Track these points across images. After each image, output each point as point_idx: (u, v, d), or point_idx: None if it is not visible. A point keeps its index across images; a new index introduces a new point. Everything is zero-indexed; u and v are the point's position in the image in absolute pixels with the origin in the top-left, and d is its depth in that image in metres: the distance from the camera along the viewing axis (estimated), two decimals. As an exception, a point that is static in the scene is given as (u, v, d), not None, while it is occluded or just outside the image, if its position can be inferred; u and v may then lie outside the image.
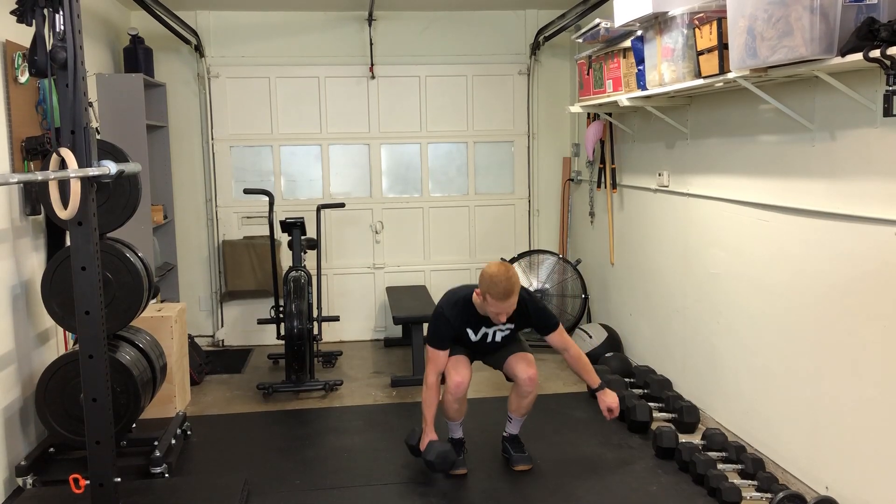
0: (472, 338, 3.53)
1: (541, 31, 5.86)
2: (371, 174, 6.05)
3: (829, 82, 2.75)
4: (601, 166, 5.35)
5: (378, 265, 6.11)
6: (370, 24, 5.82)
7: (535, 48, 5.99)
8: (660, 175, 4.44)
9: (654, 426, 3.89)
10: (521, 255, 5.83)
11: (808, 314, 3.11)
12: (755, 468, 3.31)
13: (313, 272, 5.25)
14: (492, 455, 3.73)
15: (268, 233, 5.32)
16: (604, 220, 5.39)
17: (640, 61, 3.86)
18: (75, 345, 3.48)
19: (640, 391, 4.34)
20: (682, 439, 3.67)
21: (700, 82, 3.29)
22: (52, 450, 3.54)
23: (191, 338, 5.00)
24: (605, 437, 3.94)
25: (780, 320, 3.30)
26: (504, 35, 6.04)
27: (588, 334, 5.05)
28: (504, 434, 3.71)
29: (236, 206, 5.92)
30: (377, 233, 6.09)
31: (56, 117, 2.87)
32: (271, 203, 5.21)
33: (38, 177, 2.30)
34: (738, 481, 3.23)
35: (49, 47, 2.58)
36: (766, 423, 3.46)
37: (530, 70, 6.08)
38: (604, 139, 5.26)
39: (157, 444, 3.56)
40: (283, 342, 4.82)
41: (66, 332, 3.88)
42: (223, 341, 6.00)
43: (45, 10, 2.58)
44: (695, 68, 3.31)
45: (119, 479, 2.89)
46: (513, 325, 3.56)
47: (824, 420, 3.04)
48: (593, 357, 4.85)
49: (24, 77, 3.58)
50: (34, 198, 3.63)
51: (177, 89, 5.74)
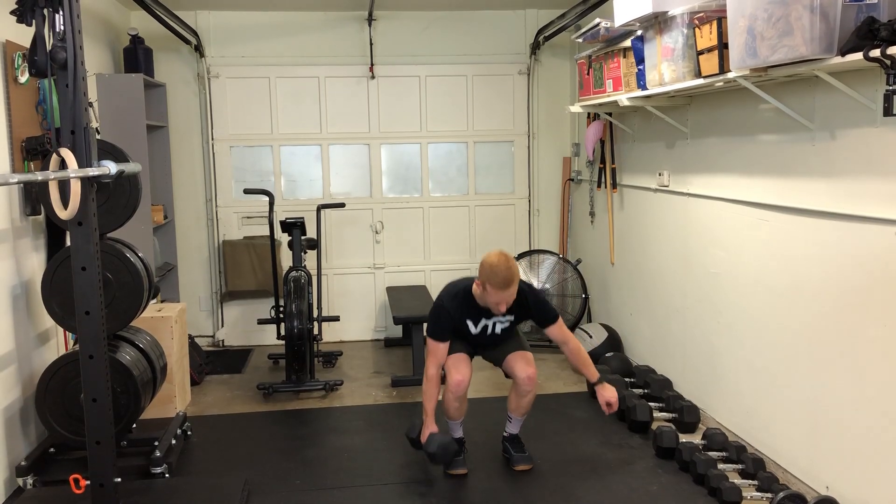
0: (473, 330, 3.53)
1: (541, 31, 5.86)
2: (371, 174, 6.05)
3: (830, 82, 2.75)
4: (601, 166, 5.34)
5: (378, 265, 6.11)
6: (370, 24, 5.82)
7: (536, 48, 5.99)
8: (660, 175, 4.44)
9: (654, 426, 3.89)
10: (521, 255, 5.83)
11: (808, 313, 3.11)
12: (755, 468, 3.31)
13: (313, 272, 5.25)
14: (492, 455, 3.73)
15: (268, 233, 5.32)
16: (604, 219, 5.39)
17: (640, 61, 3.86)
18: (75, 345, 3.48)
19: (641, 391, 4.34)
20: (683, 439, 3.67)
21: (700, 82, 3.29)
22: (52, 450, 3.54)
23: (191, 338, 5.00)
24: (606, 437, 3.94)
25: (780, 320, 3.30)
26: (504, 35, 6.04)
27: (588, 334, 5.05)
28: (504, 434, 3.71)
29: (236, 206, 5.92)
30: (377, 233, 6.09)
31: (56, 117, 2.87)
32: (271, 203, 5.21)
33: (38, 177, 2.30)
34: (738, 481, 3.23)
35: (49, 47, 2.58)
36: (766, 423, 3.46)
37: (530, 70, 6.08)
38: (604, 139, 5.26)
39: (157, 444, 3.56)
40: (283, 342, 4.82)
41: (67, 332, 3.89)
42: (223, 341, 6.00)
43: (45, 11, 2.58)
44: (695, 68, 3.31)
45: (119, 480, 2.89)
46: (513, 318, 3.55)
47: (825, 420, 3.04)
48: (594, 357, 4.81)
49: (24, 77, 3.59)
50: (34, 198, 3.63)
51: (177, 89, 5.74)
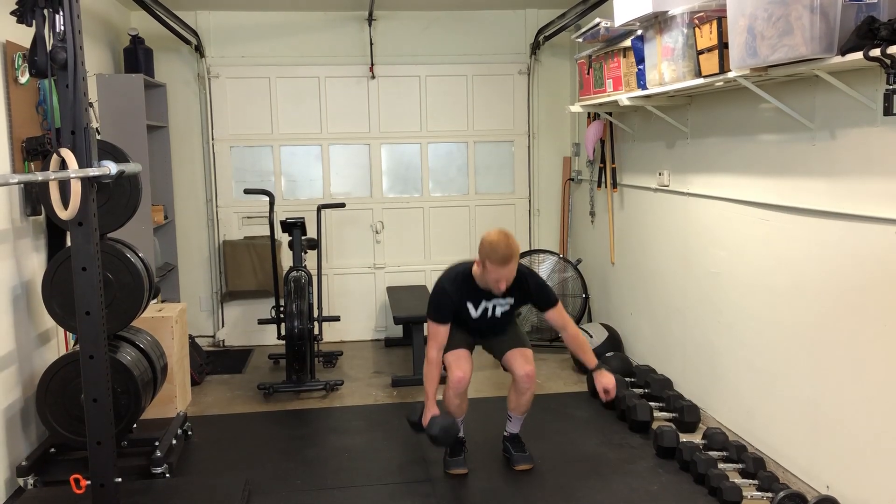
0: (473, 313, 3.51)
1: (541, 31, 5.86)
2: (371, 174, 6.05)
3: (830, 81, 2.75)
4: (601, 166, 5.34)
5: (378, 265, 6.11)
6: (370, 24, 5.82)
7: (536, 48, 5.99)
8: (660, 174, 4.44)
9: (654, 426, 3.89)
10: (521, 255, 5.81)
11: (808, 313, 3.11)
12: (756, 467, 3.31)
13: (314, 272, 5.25)
14: (492, 455, 3.73)
15: (268, 233, 5.32)
16: (604, 219, 5.39)
17: (641, 61, 3.86)
18: (76, 345, 3.48)
19: (641, 391, 4.34)
20: (683, 439, 3.67)
21: (700, 81, 3.29)
22: (52, 450, 3.54)
23: (191, 338, 5.00)
24: (606, 437, 3.94)
25: (780, 319, 3.30)
26: (504, 35, 6.04)
27: (588, 334, 5.05)
28: (505, 433, 3.71)
29: (237, 206, 5.92)
30: (377, 233, 6.09)
31: (56, 118, 2.87)
32: (272, 203, 5.21)
33: (39, 177, 2.30)
34: (738, 480, 3.23)
35: (49, 48, 2.58)
36: (766, 423, 3.46)
37: (530, 70, 6.08)
38: (604, 139, 5.26)
39: (157, 444, 3.57)
40: (283, 342, 4.82)
41: (67, 332, 3.89)
42: (224, 341, 6.00)
43: (45, 11, 2.58)
44: (695, 67, 3.31)
45: (120, 480, 2.89)
46: (513, 300, 3.54)
47: (825, 419, 3.04)
48: (596, 355, 4.84)
49: (24, 78, 3.59)
50: (35, 198, 3.63)
51: (177, 89, 5.74)
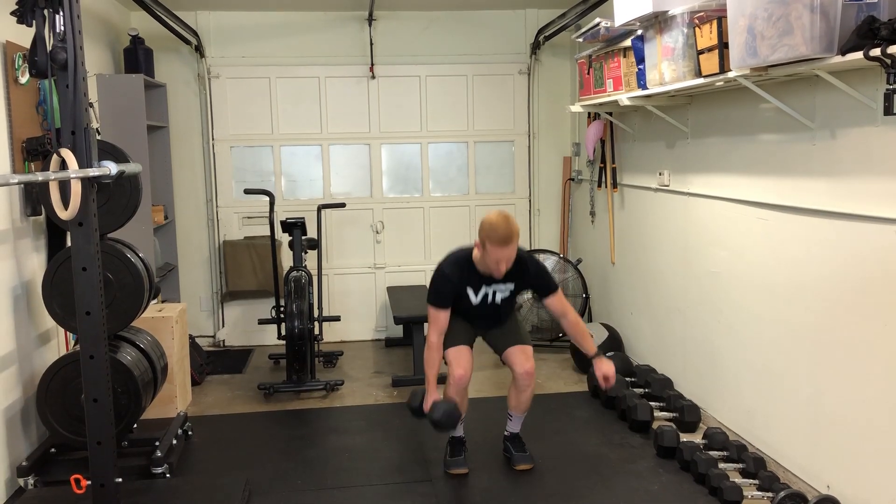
0: (473, 299, 3.50)
1: (541, 31, 5.86)
2: (371, 174, 6.05)
3: (830, 81, 2.75)
4: (602, 166, 5.34)
5: (379, 265, 6.11)
6: (370, 24, 5.82)
7: (536, 48, 5.99)
8: (660, 174, 4.44)
9: (655, 425, 3.89)
10: (521, 255, 5.82)
11: (808, 313, 3.11)
12: (756, 467, 3.31)
13: (314, 272, 5.25)
14: (493, 454, 3.73)
15: (268, 233, 5.31)
16: (604, 219, 5.38)
17: (641, 60, 3.85)
18: (76, 345, 3.48)
19: (641, 390, 4.34)
20: (684, 438, 3.67)
21: (700, 81, 3.29)
22: (53, 450, 3.54)
23: (192, 338, 5.00)
24: (607, 437, 3.94)
25: (780, 319, 3.30)
26: (504, 35, 6.04)
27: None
28: (505, 433, 3.71)
29: (237, 206, 5.92)
30: (378, 233, 6.09)
31: (56, 118, 2.87)
32: (272, 203, 5.21)
33: (39, 177, 2.30)
34: (739, 480, 3.23)
35: (49, 48, 2.59)
36: (767, 422, 3.46)
37: (531, 69, 6.08)
38: (604, 138, 5.25)
39: (158, 444, 3.57)
40: (283, 342, 4.82)
41: (67, 332, 3.89)
42: (224, 341, 6.00)
43: (46, 11, 2.58)
44: (695, 67, 3.31)
45: (120, 480, 2.89)
46: (513, 286, 3.53)
47: (825, 419, 3.04)
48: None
49: (24, 78, 3.59)
50: (35, 198, 3.63)
51: (177, 90, 5.74)
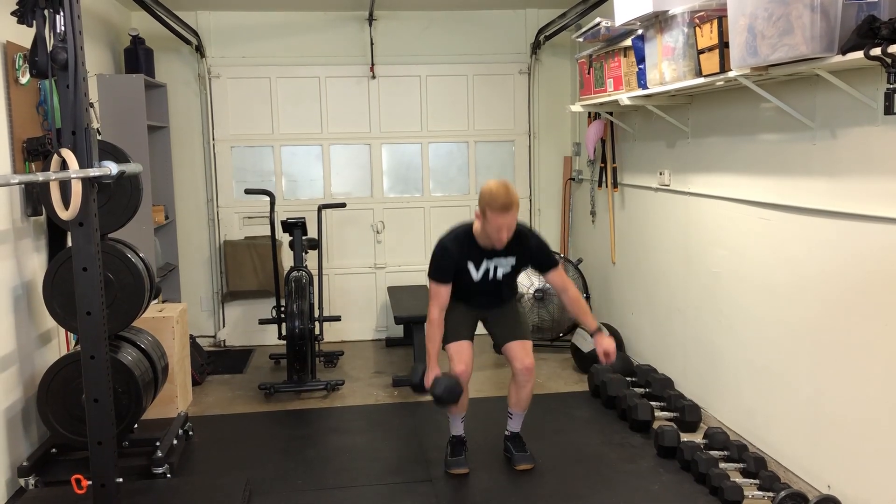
0: (474, 275, 3.48)
1: (541, 31, 5.86)
2: (372, 174, 6.05)
3: (830, 80, 2.75)
4: (602, 165, 5.34)
5: (379, 265, 6.11)
6: (370, 24, 5.82)
7: (536, 47, 5.99)
8: (661, 174, 4.44)
9: (655, 425, 3.89)
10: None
11: (809, 312, 3.11)
12: (757, 467, 3.31)
13: (314, 272, 5.25)
14: (493, 454, 3.73)
15: (269, 233, 5.32)
16: (605, 219, 5.38)
17: (641, 60, 3.85)
18: (77, 345, 3.48)
19: (642, 390, 4.34)
20: (684, 438, 3.67)
21: (701, 81, 3.29)
22: (54, 450, 3.54)
23: (192, 338, 5.00)
24: (607, 437, 3.94)
25: (781, 319, 3.30)
26: (504, 34, 6.04)
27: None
28: (506, 433, 3.71)
29: (237, 206, 5.93)
30: (378, 233, 6.09)
31: (57, 118, 2.88)
32: (272, 203, 5.22)
33: (40, 178, 2.30)
34: (739, 480, 3.23)
35: (50, 48, 2.59)
36: (767, 422, 3.46)
37: (531, 69, 6.08)
38: (605, 138, 5.25)
39: (158, 444, 3.57)
40: (284, 342, 4.82)
41: (68, 332, 3.89)
42: (225, 341, 6.00)
43: (46, 11, 2.58)
44: (695, 67, 3.31)
45: (121, 480, 2.89)
46: (514, 261, 3.50)
47: (826, 419, 3.04)
48: (595, 357, 4.83)
49: (25, 78, 3.59)
50: (35, 199, 3.63)
51: (177, 90, 5.74)
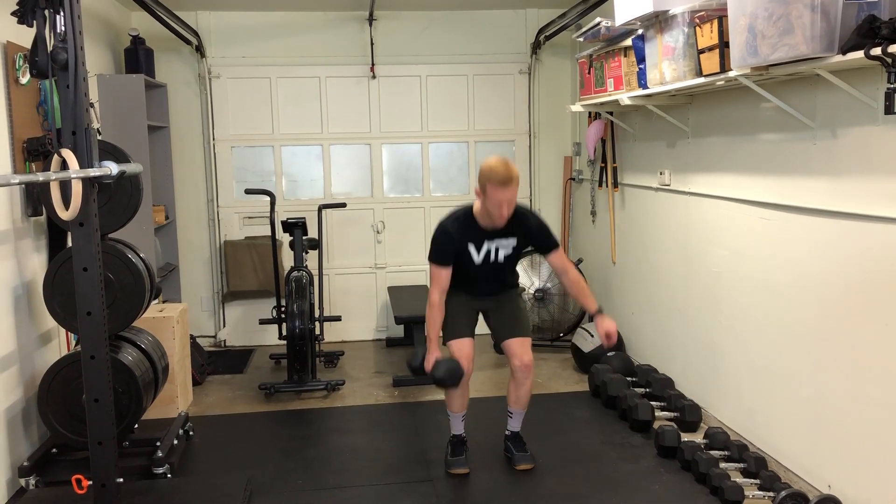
0: (475, 257, 3.47)
1: (541, 31, 5.86)
2: (372, 174, 6.05)
3: (831, 80, 2.75)
4: (602, 165, 5.34)
5: (380, 265, 6.11)
6: (371, 24, 5.82)
7: (536, 47, 5.99)
8: (661, 174, 4.44)
9: (656, 425, 3.89)
10: (522, 255, 5.81)
11: (809, 312, 3.11)
12: (757, 467, 3.31)
13: (315, 272, 5.26)
14: (494, 454, 3.73)
15: (269, 233, 5.32)
16: (605, 219, 5.38)
17: (641, 60, 3.85)
18: (77, 345, 3.48)
19: (642, 390, 4.34)
20: (685, 438, 3.66)
21: (701, 81, 3.29)
22: (54, 450, 3.54)
23: (193, 338, 5.00)
24: (607, 437, 3.94)
25: (781, 318, 3.30)
26: (505, 34, 6.04)
27: (590, 333, 5.04)
28: (506, 432, 3.71)
29: (238, 206, 5.93)
30: (379, 233, 6.09)
31: (57, 118, 2.88)
32: (272, 203, 5.21)
33: (40, 178, 2.30)
34: (740, 480, 3.23)
35: (50, 48, 2.59)
36: (768, 422, 3.46)
37: (531, 69, 6.08)
38: (605, 138, 5.25)
39: (159, 444, 3.57)
40: (284, 342, 4.83)
41: (68, 332, 3.89)
42: (225, 341, 6.00)
43: (46, 12, 2.58)
44: (696, 67, 3.31)
45: (121, 480, 2.90)
46: (515, 241, 3.50)
47: (827, 418, 3.04)
48: (595, 356, 4.85)
49: (25, 78, 3.59)
50: (36, 199, 3.64)
51: (178, 90, 5.74)
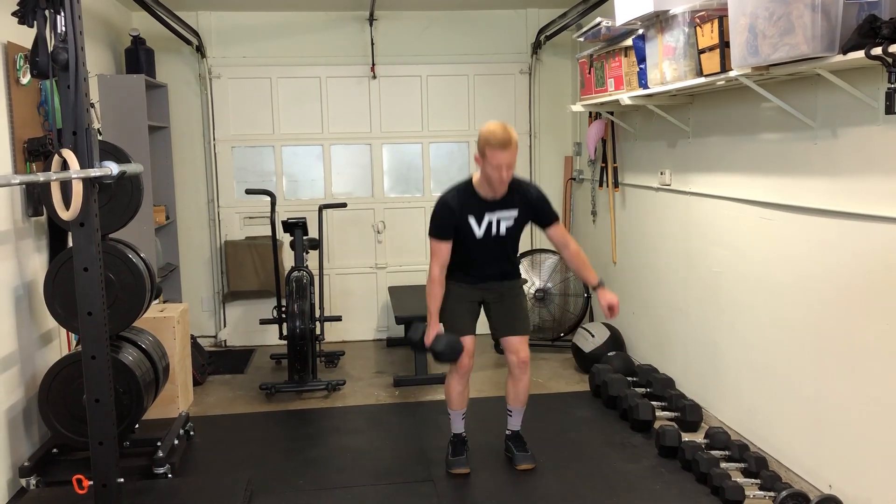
0: (477, 231, 3.42)
1: (542, 31, 5.86)
2: (373, 174, 6.05)
3: (831, 80, 2.75)
4: (603, 165, 5.34)
5: (380, 265, 6.11)
6: (371, 24, 5.82)
7: (537, 47, 5.98)
8: (662, 174, 4.44)
9: (656, 425, 3.89)
10: (522, 255, 5.81)
11: (810, 312, 3.11)
12: (758, 467, 3.31)
13: (315, 272, 5.26)
14: (494, 454, 3.73)
15: (270, 233, 5.32)
16: (606, 219, 5.38)
17: (642, 60, 3.85)
18: (78, 345, 3.48)
19: (643, 390, 4.34)
20: (685, 438, 3.66)
21: (702, 81, 3.29)
22: (55, 451, 3.54)
23: (193, 338, 5.00)
24: (608, 436, 3.94)
25: (782, 318, 3.30)
26: (505, 34, 6.04)
27: (590, 333, 5.04)
28: (507, 432, 3.71)
29: (238, 206, 5.93)
30: (379, 233, 6.09)
31: (58, 118, 2.88)
32: (273, 203, 5.21)
33: (40, 178, 2.30)
34: (741, 480, 3.23)
35: (50, 48, 2.59)
36: (768, 422, 3.46)
37: (532, 69, 6.08)
38: (605, 138, 5.25)
39: (160, 444, 3.57)
40: (285, 342, 4.83)
41: (69, 332, 3.89)
42: (226, 342, 6.00)
43: (47, 12, 2.58)
44: (696, 67, 3.31)
45: (122, 480, 2.89)
46: (516, 213, 3.45)
47: (827, 418, 3.03)
48: (596, 356, 4.85)
49: (25, 78, 3.59)
50: (36, 199, 3.64)
51: (178, 90, 5.74)
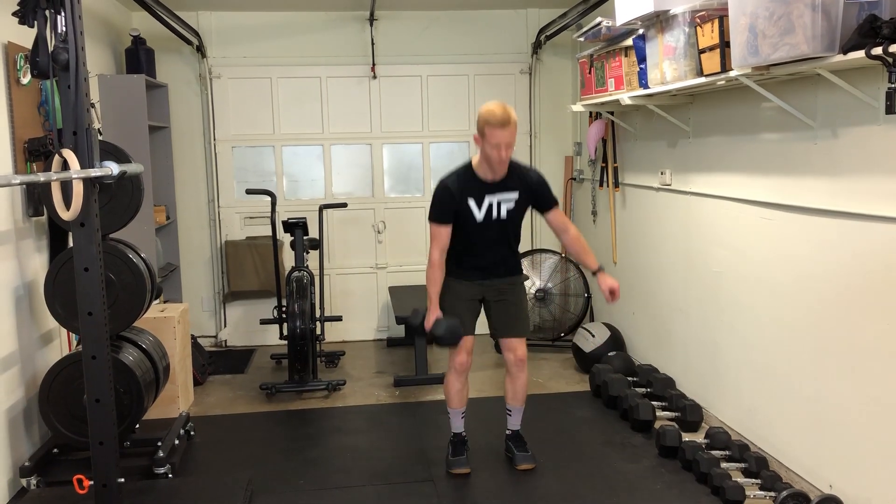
0: (477, 214, 3.41)
1: (542, 30, 5.86)
2: (373, 174, 6.05)
3: (832, 80, 2.75)
4: (603, 165, 5.34)
5: (381, 265, 6.11)
6: (371, 24, 5.82)
7: (537, 47, 5.98)
8: (662, 174, 4.44)
9: (657, 425, 3.89)
10: (523, 255, 5.81)
11: (810, 312, 3.11)
12: (758, 467, 3.31)
13: (316, 272, 5.26)
14: (494, 454, 3.73)
15: (270, 233, 5.32)
16: (606, 218, 5.38)
17: (642, 60, 3.85)
18: (78, 346, 3.48)
19: (643, 390, 4.33)
20: (686, 438, 3.66)
21: (702, 81, 3.29)
22: (55, 451, 3.54)
23: (194, 338, 5.00)
24: (608, 437, 3.94)
25: (783, 318, 3.30)
26: (505, 34, 6.04)
27: (591, 333, 5.04)
28: (507, 432, 3.71)
29: (238, 206, 5.93)
30: (379, 233, 6.09)
31: (58, 118, 2.88)
32: (273, 203, 5.21)
33: (41, 178, 2.30)
34: (741, 480, 3.23)
35: (51, 49, 2.59)
36: (769, 422, 3.46)
37: (532, 69, 6.08)
38: (606, 138, 5.25)
39: (160, 444, 3.57)
40: (286, 342, 4.83)
41: (70, 332, 3.89)
42: (226, 342, 6.00)
43: (47, 12, 2.58)
44: (697, 66, 3.31)
45: (123, 480, 2.89)
46: (516, 195, 3.43)
47: (828, 418, 3.03)
48: (596, 356, 4.85)
49: (26, 79, 3.59)
50: (37, 199, 3.64)
51: (179, 90, 5.74)
